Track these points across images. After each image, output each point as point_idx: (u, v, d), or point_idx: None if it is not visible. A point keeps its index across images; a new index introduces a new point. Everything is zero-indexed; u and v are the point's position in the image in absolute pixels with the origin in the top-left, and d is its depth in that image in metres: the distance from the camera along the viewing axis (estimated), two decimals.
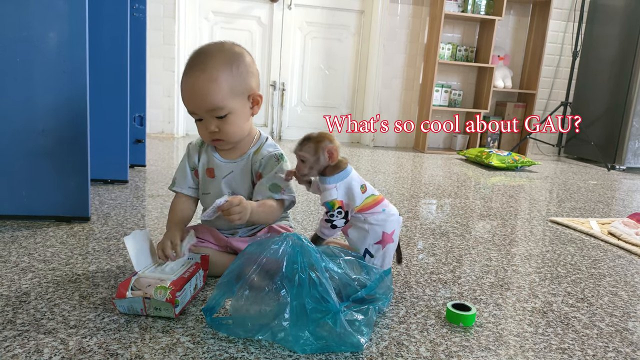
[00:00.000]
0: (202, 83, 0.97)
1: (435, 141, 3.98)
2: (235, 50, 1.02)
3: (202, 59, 0.98)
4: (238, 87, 1.00)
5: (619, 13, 3.49)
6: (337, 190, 0.99)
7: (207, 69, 0.97)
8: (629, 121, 3.37)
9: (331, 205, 0.99)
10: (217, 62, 0.98)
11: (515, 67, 3.98)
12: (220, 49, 1.01)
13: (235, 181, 1.09)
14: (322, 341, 0.77)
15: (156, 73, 3.31)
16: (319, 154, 0.98)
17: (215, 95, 0.97)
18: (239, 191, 1.09)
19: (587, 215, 1.94)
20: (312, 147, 0.98)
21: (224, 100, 0.98)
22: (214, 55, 0.99)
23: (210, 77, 0.97)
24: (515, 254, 1.39)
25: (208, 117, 1.00)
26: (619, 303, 1.09)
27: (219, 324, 0.83)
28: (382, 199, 1.03)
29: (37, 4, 1.26)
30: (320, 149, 0.98)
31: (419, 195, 2.14)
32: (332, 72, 3.80)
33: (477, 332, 0.90)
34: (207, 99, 0.97)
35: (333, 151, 0.98)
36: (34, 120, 1.31)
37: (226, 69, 0.98)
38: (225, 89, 0.98)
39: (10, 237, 1.24)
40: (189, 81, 0.98)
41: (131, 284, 0.87)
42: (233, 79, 0.99)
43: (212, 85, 0.97)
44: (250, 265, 0.81)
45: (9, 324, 0.81)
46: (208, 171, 1.10)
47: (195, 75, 0.97)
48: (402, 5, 3.67)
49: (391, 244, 1.02)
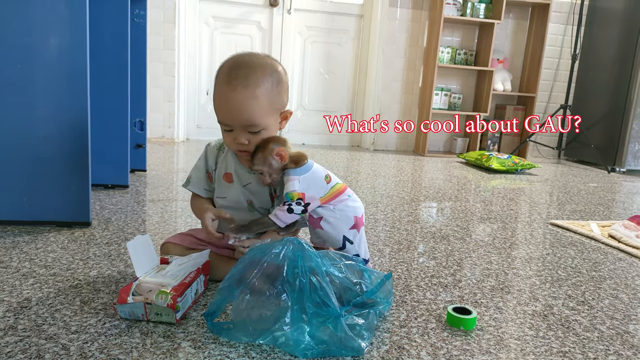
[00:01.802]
0: (243, 99, 0.95)
1: (436, 144, 3.99)
2: (274, 65, 1.01)
3: (243, 73, 0.96)
4: (275, 104, 1.00)
5: (617, 16, 3.50)
6: (299, 183, 1.00)
7: (250, 85, 0.95)
8: (629, 123, 3.37)
9: (290, 197, 0.99)
10: (259, 78, 0.96)
11: (514, 71, 3.99)
12: (262, 64, 0.99)
13: (255, 191, 1.08)
14: (323, 345, 0.77)
15: (156, 78, 3.32)
16: (269, 160, 0.99)
17: (256, 112, 0.96)
18: (257, 201, 1.09)
19: (587, 218, 1.94)
20: (261, 157, 1.00)
21: (262, 117, 0.98)
22: (257, 70, 0.97)
23: (252, 93, 0.95)
24: (515, 257, 1.39)
25: (240, 129, 0.99)
26: (619, 306, 1.09)
27: (220, 329, 0.83)
28: (345, 187, 1.07)
29: (38, 10, 1.27)
30: (268, 155, 0.99)
31: (420, 198, 2.14)
32: (331, 76, 3.81)
33: (477, 336, 0.90)
34: (246, 115, 0.96)
35: (281, 152, 0.99)
36: (34, 126, 1.32)
37: (267, 86, 0.97)
38: (265, 106, 0.98)
39: (11, 242, 1.24)
40: (230, 95, 0.96)
41: (132, 289, 0.87)
42: (272, 96, 0.99)
43: (253, 102, 0.96)
44: (251, 269, 0.81)
45: (10, 329, 0.81)
46: (226, 176, 1.10)
47: (237, 89, 0.95)
48: (401, 9, 3.68)
49: (363, 227, 1.06)
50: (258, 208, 1.10)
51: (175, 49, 3.33)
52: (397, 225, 1.65)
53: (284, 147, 1.00)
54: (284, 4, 3.59)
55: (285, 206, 0.99)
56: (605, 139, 3.55)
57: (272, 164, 0.99)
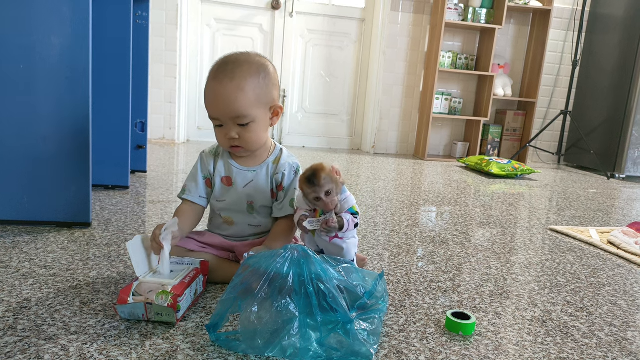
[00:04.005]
0: (229, 90, 0.99)
1: (436, 148, 3.99)
2: (261, 61, 1.05)
3: (230, 68, 1.00)
4: (263, 97, 1.03)
5: (618, 22, 3.51)
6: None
7: (236, 78, 0.99)
8: (629, 130, 3.38)
9: (355, 210, 1.01)
10: (245, 72, 1.00)
11: (515, 76, 4.00)
12: (248, 60, 1.03)
13: (256, 190, 1.09)
14: (332, 352, 0.77)
15: (158, 79, 3.32)
16: (335, 178, 0.99)
17: (242, 103, 0.99)
18: (258, 199, 1.09)
19: (586, 224, 1.94)
20: (328, 177, 0.97)
21: (250, 108, 1.01)
22: (242, 65, 1.01)
23: (238, 85, 0.99)
24: (514, 263, 1.39)
25: (230, 123, 1.02)
26: (618, 312, 1.09)
27: (226, 341, 0.81)
28: None
29: (41, 10, 1.28)
30: (332, 173, 0.98)
31: (419, 202, 2.14)
32: (333, 79, 3.82)
33: (476, 341, 0.90)
34: (233, 106, 0.99)
35: (338, 170, 1.00)
36: (36, 126, 1.32)
37: (254, 79, 1.01)
38: (252, 98, 1.00)
39: (11, 242, 1.24)
40: (217, 87, 1.00)
41: (132, 289, 0.87)
42: (259, 89, 1.02)
43: (239, 94, 0.99)
44: (257, 280, 0.79)
45: (9, 329, 0.81)
46: (225, 179, 1.10)
47: (224, 82, 0.99)
48: (402, 13, 3.69)
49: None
50: (258, 208, 1.10)
51: (177, 51, 3.33)
52: (397, 229, 1.65)
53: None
54: (286, 7, 3.60)
55: (355, 219, 1.00)
56: (605, 145, 3.56)
57: (338, 181, 0.99)
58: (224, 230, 1.13)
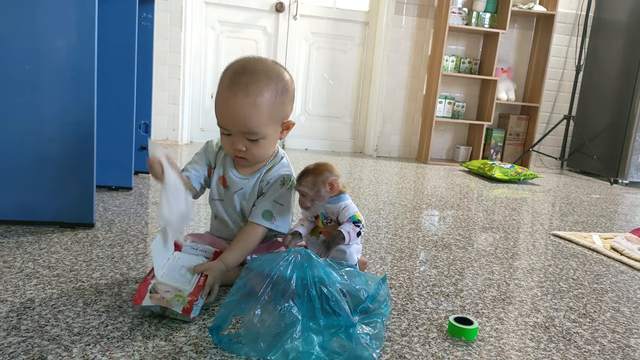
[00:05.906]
0: (244, 106, 0.94)
1: (438, 152, 3.99)
2: (281, 74, 0.99)
3: (247, 80, 0.94)
4: (276, 115, 0.99)
5: (622, 28, 3.51)
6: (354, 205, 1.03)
7: (251, 94, 0.94)
8: (632, 135, 3.37)
9: (358, 219, 1.01)
10: (262, 87, 0.95)
11: (518, 80, 3.99)
12: (266, 71, 0.97)
13: (245, 198, 1.09)
14: (334, 355, 0.77)
15: (162, 80, 3.33)
16: (319, 187, 0.99)
17: (255, 121, 0.96)
18: (249, 207, 1.08)
19: (589, 230, 1.94)
20: (311, 181, 0.99)
21: (262, 126, 0.97)
22: (260, 79, 0.95)
23: (253, 102, 0.94)
24: (517, 268, 1.39)
25: (240, 136, 0.98)
26: (621, 319, 1.09)
27: (228, 343, 0.81)
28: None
29: (47, 13, 1.28)
30: (320, 182, 0.98)
31: (422, 206, 2.14)
32: (336, 82, 3.82)
33: (479, 347, 0.90)
34: (245, 122, 0.95)
35: (334, 183, 0.99)
36: (40, 127, 1.33)
37: (270, 96, 0.95)
38: (265, 116, 0.96)
39: (15, 242, 1.24)
40: (230, 100, 0.95)
41: (150, 286, 0.89)
42: (275, 107, 0.97)
43: (253, 111, 0.94)
44: (260, 283, 0.80)
45: (13, 329, 0.82)
46: (221, 179, 1.10)
47: (238, 96, 0.94)
48: (406, 17, 3.70)
49: None
50: (248, 215, 1.08)
51: (181, 52, 3.34)
52: (399, 232, 1.65)
53: (337, 178, 1.00)
54: (289, 10, 3.61)
55: (357, 228, 1.01)
56: (608, 151, 3.55)
57: (320, 191, 0.99)
58: (221, 232, 1.14)
